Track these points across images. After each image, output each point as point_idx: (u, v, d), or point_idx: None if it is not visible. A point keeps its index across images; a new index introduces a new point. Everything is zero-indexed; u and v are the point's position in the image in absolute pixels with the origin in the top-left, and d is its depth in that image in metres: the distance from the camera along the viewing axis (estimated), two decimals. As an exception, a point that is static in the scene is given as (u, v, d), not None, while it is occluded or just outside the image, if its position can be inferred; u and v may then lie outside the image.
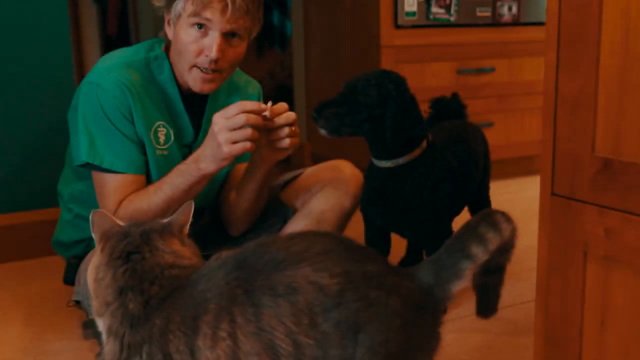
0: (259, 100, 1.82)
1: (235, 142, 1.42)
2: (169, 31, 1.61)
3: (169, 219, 1.12)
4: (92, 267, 1.06)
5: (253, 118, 1.42)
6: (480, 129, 1.98)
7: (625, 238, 0.94)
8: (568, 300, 1.05)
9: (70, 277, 1.70)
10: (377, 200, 1.68)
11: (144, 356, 0.94)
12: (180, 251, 1.06)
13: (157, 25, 1.70)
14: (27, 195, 2.27)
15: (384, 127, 1.58)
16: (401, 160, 1.63)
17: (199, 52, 1.55)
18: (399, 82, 1.62)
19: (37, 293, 2.00)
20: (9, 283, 2.09)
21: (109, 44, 5.26)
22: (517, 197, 2.99)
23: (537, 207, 1.05)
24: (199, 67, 1.56)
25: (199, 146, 1.68)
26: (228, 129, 1.42)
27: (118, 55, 1.64)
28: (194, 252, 1.10)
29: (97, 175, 1.58)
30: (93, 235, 1.10)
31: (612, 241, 0.96)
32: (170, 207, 1.51)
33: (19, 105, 2.22)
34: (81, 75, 4.32)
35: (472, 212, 1.99)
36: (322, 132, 1.62)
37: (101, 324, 1.05)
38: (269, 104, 1.47)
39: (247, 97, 1.78)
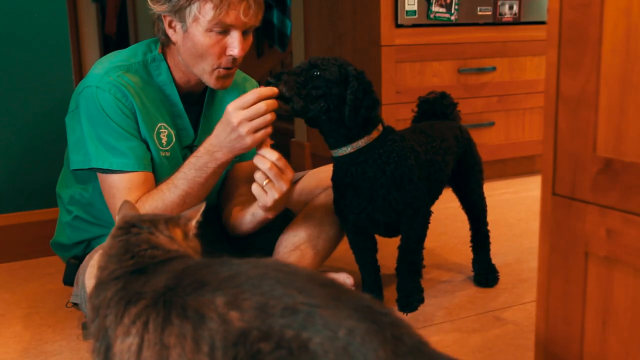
0: None
1: (257, 130, 1.44)
2: (173, 34, 1.58)
3: (181, 214, 1.15)
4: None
5: (271, 103, 1.44)
6: (463, 129, 1.94)
7: (627, 238, 0.93)
8: (569, 300, 1.05)
9: (69, 278, 1.70)
10: (345, 192, 1.66)
11: (99, 320, 0.98)
12: (177, 239, 1.08)
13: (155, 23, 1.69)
14: (27, 195, 2.27)
15: (339, 107, 1.57)
16: (361, 143, 1.62)
17: (222, 53, 1.56)
18: (358, 69, 1.62)
19: (36, 293, 2.00)
20: (8, 283, 2.09)
21: (108, 44, 5.26)
22: (518, 197, 2.99)
23: (538, 207, 1.04)
24: (223, 67, 1.58)
25: (199, 145, 1.68)
26: (248, 119, 1.43)
27: (114, 59, 1.62)
28: (194, 247, 1.11)
29: (105, 178, 1.56)
30: (115, 219, 1.15)
31: (613, 241, 0.95)
32: (186, 203, 1.51)
33: (18, 105, 2.22)
34: (80, 75, 4.33)
35: (466, 209, 1.98)
36: (281, 88, 1.52)
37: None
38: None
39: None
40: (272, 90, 1.46)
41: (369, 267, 1.80)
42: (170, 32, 1.59)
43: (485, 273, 1.97)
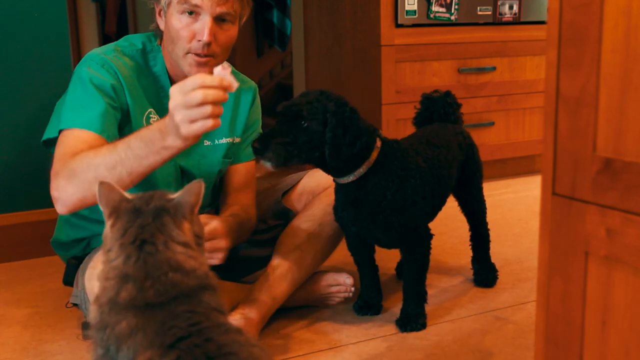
0: (253, 101, 1.81)
1: (193, 121, 1.27)
2: (161, 22, 1.62)
3: (178, 198, 1.04)
4: (103, 236, 1.05)
5: (212, 95, 1.25)
6: (466, 134, 1.92)
7: (627, 238, 0.93)
8: (569, 300, 1.05)
9: (69, 278, 1.70)
10: (347, 208, 1.65)
11: (105, 338, 0.95)
12: (190, 242, 1.02)
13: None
14: (27, 195, 2.26)
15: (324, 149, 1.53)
16: (362, 170, 1.59)
17: (191, 37, 1.55)
18: (338, 99, 1.56)
19: (36, 293, 2.00)
20: (8, 283, 2.09)
21: (107, 43, 5.26)
22: (518, 197, 2.99)
23: (538, 207, 1.04)
24: (193, 53, 1.56)
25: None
26: (184, 106, 1.26)
27: (114, 44, 1.66)
28: (200, 232, 1.06)
29: (68, 133, 1.51)
30: (101, 207, 1.05)
31: (613, 241, 0.95)
32: (115, 169, 1.37)
33: (18, 105, 2.22)
34: (81, 75, 4.32)
35: (466, 213, 1.98)
36: (267, 165, 1.49)
37: (95, 287, 1.06)
38: (232, 77, 1.29)
39: (239, 97, 1.78)
40: (220, 80, 1.28)
41: (367, 269, 1.79)
42: (159, 20, 1.63)
43: (484, 273, 1.97)
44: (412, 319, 1.70)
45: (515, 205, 2.87)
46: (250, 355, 0.91)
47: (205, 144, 1.72)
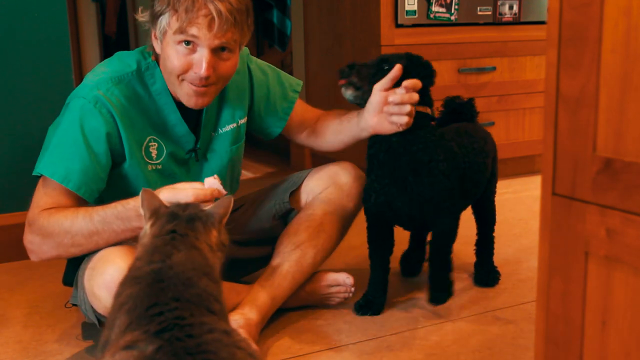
0: (251, 80, 1.80)
1: None
2: (157, 45, 1.58)
3: (210, 209, 1.19)
4: (141, 235, 1.19)
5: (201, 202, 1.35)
6: (490, 134, 1.97)
7: (627, 238, 0.93)
8: (569, 300, 1.05)
9: (69, 278, 1.70)
10: (373, 167, 1.69)
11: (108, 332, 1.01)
12: (214, 247, 1.16)
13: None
14: (27, 195, 2.26)
15: None
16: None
17: (188, 68, 1.52)
18: (426, 63, 1.71)
19: (36, 293, 2.00)
20: (8, 283, 2.09)
21: (108, 44, 5.26)
22: (518, 197, 2.99)
23: (538, 207, 1.04)
24: (190, 82, 1.53)
25: (202, 152, 1.68)
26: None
27: (108, 69, 1.60)
28: (225, 240, 1.20)
29: (44, 181, 1.54)
30: (142, 210, 1.20)
31: (613, 241, 0.95)
32: (92, 240, 1.46)
33: (18, 105, 2.22)
34: (80, 75, 4.33)
35: (477, 214, 1.99)
36: (348, 93, 1.68)
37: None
38: (221, 188, 1.40)
39: (236, 91, 1.76)
40: (210, 193, 1.38)
41: (380, 268, 1.80)
42: (155, 43, 1.58)
43: (486, 273, 1.98)
44: (441, 289, 1.77)
45: (515, 205, 2.87)
46: (232, 356, 0.93)
47: (212, 135, 1.73)
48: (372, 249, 1.79)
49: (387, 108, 1.60)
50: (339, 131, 1.79)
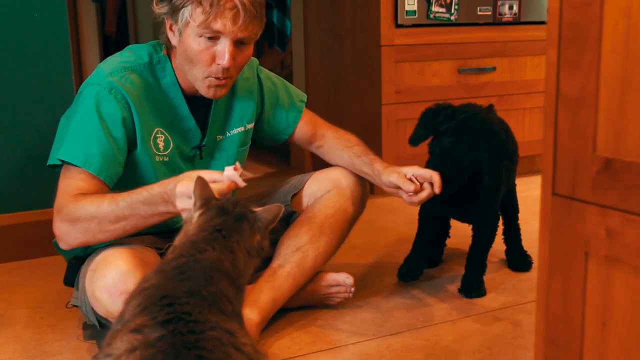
0: (261, 88, 1.82)
1: None
2: (172, 37, 1.59)
3: (259, 212, 1.18)
4: (187, 217, 1.19)
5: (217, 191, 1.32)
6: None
7: (627, 238, 0.93)
8: (569, 300, 1.05)
9: (70, 279, 1.70)
10: (436, 147, 1.79)
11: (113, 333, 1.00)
12: (252, 252, 1.16)
13: (156, 25, 1.69)
14: (27, 195, 2.26)
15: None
16: None
17: (211, 61, 1.54)
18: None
19: (36, 293, 2.00)
20: (8, 283, 2.09)
21: (107, 44, 5.26)
22: (518, 197, 2.98)
23: (538, 207, 1.04)
24: (213, 77, 1.56)
25: (207, 150, 1.68)
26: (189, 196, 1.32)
27: (121, 59, 1.62)
28: (265, 246, 1.19)
29: (66, 170, 1.54)
30: (193, 197, 1.18)
31: (613, 241, 0.95)
32: (120, 224, 1.46)
33: (18, 105, 2.22)
34: (80, 75, 4.33)
35: (504, 204, 2.07)
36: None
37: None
38: (240, 180, 1.37)
39: (243, 91, 1.77)
40: (227, 186, 1.35)
41: (427, 237, 1.96)
42: (170, 34, 1.59)
43: (519, 258, 2.09)
44: (476, 286, 1.89)
45: (515, 205, 2.86)
46: (228, 357, 0.93)
47: (218, 139, 1.74)
48: (425, 222, 1.95)
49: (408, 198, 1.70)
50: (351, 165, 1.84)
